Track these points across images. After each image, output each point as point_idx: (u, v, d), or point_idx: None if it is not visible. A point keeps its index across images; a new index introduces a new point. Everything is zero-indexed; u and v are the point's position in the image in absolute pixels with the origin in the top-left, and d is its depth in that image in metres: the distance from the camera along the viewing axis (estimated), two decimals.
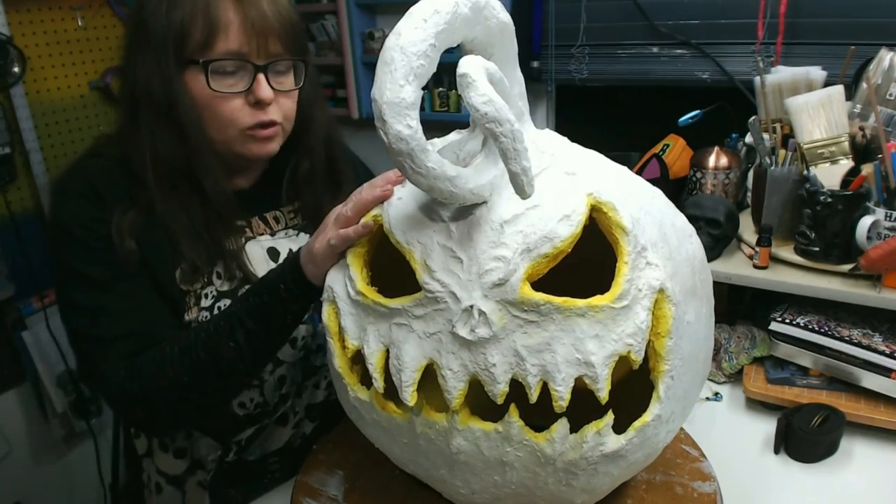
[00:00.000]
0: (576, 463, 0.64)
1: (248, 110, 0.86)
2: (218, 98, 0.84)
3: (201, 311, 0.89)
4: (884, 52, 1.22)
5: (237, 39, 0.83)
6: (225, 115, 0.86)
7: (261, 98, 0.85)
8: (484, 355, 0.61)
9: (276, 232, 0.99)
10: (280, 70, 0.88)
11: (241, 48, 0.83)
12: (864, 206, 1.11)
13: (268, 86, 0.85)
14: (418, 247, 0.64)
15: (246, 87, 0.85)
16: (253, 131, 0.87)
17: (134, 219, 0.85)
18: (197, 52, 0.82)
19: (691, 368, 0.69)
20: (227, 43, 0.82)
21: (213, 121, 0.86)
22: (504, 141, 0.55)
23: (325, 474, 0.89)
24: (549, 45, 2.20)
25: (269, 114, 0.87)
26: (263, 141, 0.89)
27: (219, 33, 0.82)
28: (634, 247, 0.62)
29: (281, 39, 0.86)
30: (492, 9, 0.63)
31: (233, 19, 0.82)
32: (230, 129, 0.87)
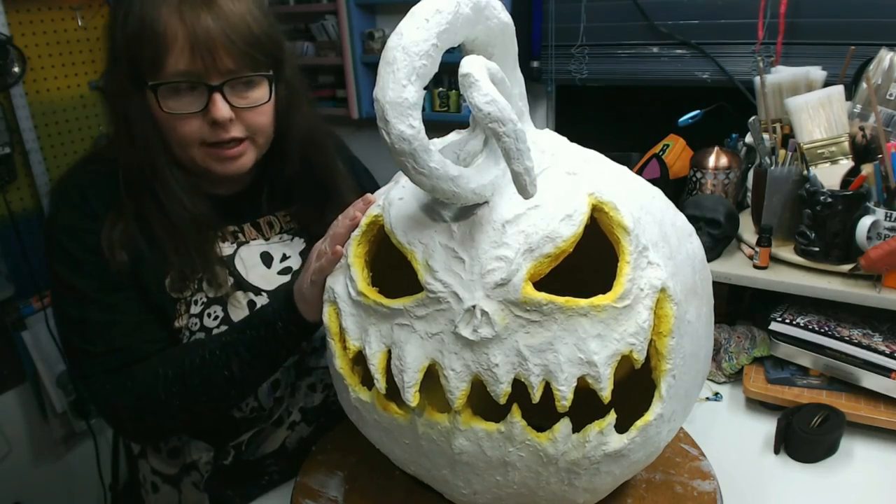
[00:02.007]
0: (578, 462, 0.64)
1: (207, 129, 0.84)
2: (175, 118, 0.82)
3: (191, 318, 0.89)
4: (884, 52, 1.22)
5: (185, 58, 0.79)
6: (184, 135, 0.84)
7: (216, 118, 0.82)
8: (486, 355, 0.61)
9: (271, 237, 0.99)
10: (244, 85, 0.85)
11: (189, 67, 0.80)
12: (864, 206, 1.11)
13: (224, 105, 0.82)
14: (420, 247, 0.64)
15: (201, 106, 0.82)
16: (216, 150, 0.85)
17: (123, 230, 0.84)
18: (148, 73, 0.80)
19: (692, 367, 0.69)
20: (176, 62, 0.79)
21: (174, 140, 0.85)
22: (507, 141, 0.56)
23: (325, 475, 0.89)
24: (549, 45, 2.20)
25: (230, 131, 0.84)
26: (229, 159, 0.86)
27: (166, 52, 0.79)
28: (636, 246, 0.62)
29: (234, 55, 0.81)
30: (493, 9, 0.63)
31: (178, 37, 0.78)
32: (190, 148, 0.85)
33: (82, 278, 0.84)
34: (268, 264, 0.96)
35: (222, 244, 0.94)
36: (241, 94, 0.85)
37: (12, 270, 1.93)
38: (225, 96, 0.82)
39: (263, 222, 0.99)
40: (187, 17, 0.78)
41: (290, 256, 0.99)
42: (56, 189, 0.90)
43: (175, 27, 0.78)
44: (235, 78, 0.83)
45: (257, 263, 0.95)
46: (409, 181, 0.67)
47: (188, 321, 0.89)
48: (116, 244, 0.84)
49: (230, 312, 0.91)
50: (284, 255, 0.98)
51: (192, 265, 0.88)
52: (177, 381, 0.82)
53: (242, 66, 0.83)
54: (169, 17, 0.78)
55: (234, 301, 0.91)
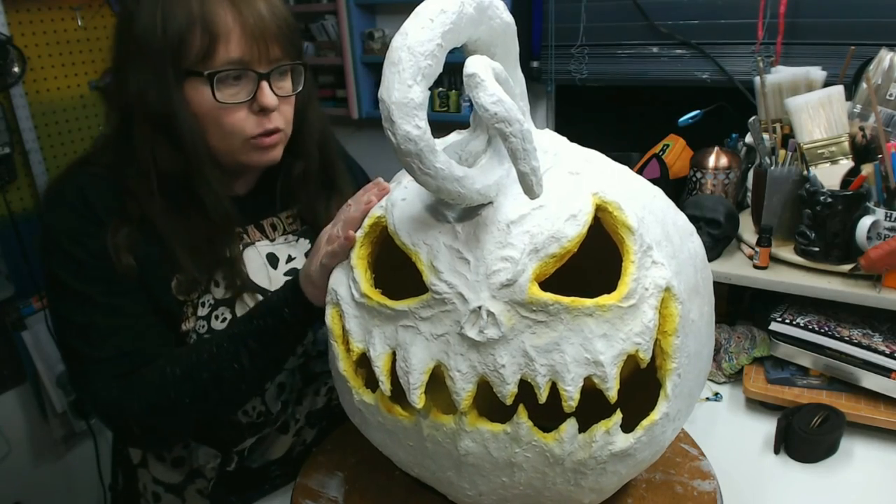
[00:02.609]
0: (585, 462, 0.64)
1: (252, 119, 0.84)
2: (222, 109, 0.82)
3: (198, 321, 0.88)
4: (884, 52, 1.23)
5: (238, 47, 0.80)
6: (229, 126, 0.84)
7: (266, 106, 0.83)
8: (493, 356, 0.61)
9: (275, 238, 0.98)
10: (281, 74, 0.87)
11: (243, 56, 0.80)
12: (864, 206, 1.11)
13: (272, 93, 0.84)
14: (424, 248, 0.64)
15: (249, 95, 0.83)
16: (257, 140, 0.86)
17: (129, 234, 0.83)
18: (198, 63, 0.80)
19: (696, 366, 0.69)
20: (229, 51, 0.80)
21: (217, 131, 0.84)
22: (514, 141, 0.56)
23: (325, 476, 0.89)
24: (549, 45, 2.20)
25: (273, 121, 0.86)
26: (267, 149, 0.87)
27: (219, 42, 0.79)
28: (640, 246, 0.62)
29: (280, 43, 0.83)
30: (495, 8, 0.63)
31: (232, 26, 0.79)
32: (234, 139, 0.85)
33: (86, 282, 0.83)
34: (274, 265, 0.96)
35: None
36: (279, 84, 0.86)
37: (12, 270, 1.93)
38: (271, 85, 0.83)
39: (267, 224, 0.98)
40: (241, 6, 0.79)
41: (295, 258, 0.98)
42: (53, 191, 0.88)
43: (229, 16, 0.79)
44: (280, 65, 0.84)
45: (263, 265, 0.95)
46: (411, 182, 0.67)
47: (195, 324, 0.88)
48: (122, 248, 0.82)
49: (237, 314, 0.90)
50: (290, 257, 0.98)
51: (208, 266, 0.87)
52: (186, 380, 0.81)
53: (285, 55, 0.85)
54: (220, 6, 0.79)
55: (242, 303, 0.90)
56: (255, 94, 0.83)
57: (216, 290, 0.89)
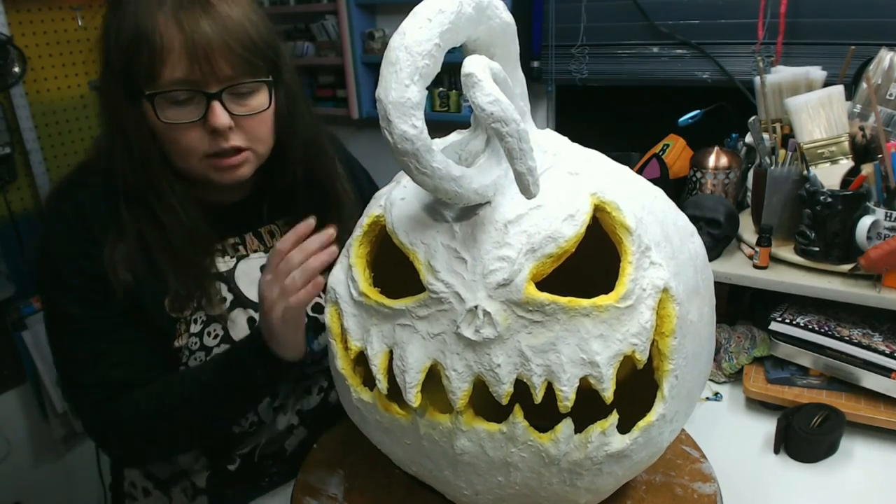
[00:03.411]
0: (580, 463, 0.64)
1: (206, 138, 0.81)
2: (173, 129, 0.80)
3: (191, 338, 0.87)
4: (884, 52, 1.22)
5: (182, 66, 0.76)
6: (183, 146, 0.81)
7: (215, 127, 0.80)
8: (489, 356, 0.61)
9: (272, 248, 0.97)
10: (245, 91, 0.82)
11: (188, 76, 0.77)
12: (864, 206, 1.11)
13: (223, 113, 0.80)
14: (422, 247, 0.64)
15: (199, 115, 0.79)
16: (215, 160, 0.83)
17: (126, 250, 0.82)
18: (143, 83, 0.78)
19: (694, 368, 0.69)
20: (173, 71, 0.77)
21: (174, 150, 0.83)
22: (510, 140, 0.56)
23: (326, 473, 0.89)
24: (549, 45, 2.20)
25: (230, 141, 0.82)
26: (229, 169, 0.84)
27: (162, 61, 0.76)
28: (638, 246, 0.62)
29: (233, 62, 0.79)
30: (495, 8, 0.63)
31: (174, 44, 0.76)
32: (191, 158, 0.83)
33: (75, 305, 0.82)
34: None
35: (221, 259, 0.92)
36: (241, 101, 0.82)
37: (12, 270, 1.93)
38: (224, 104, 0.80)
39: (265, 231, 0.97)
40: (185, 24, 0.76)
41: None
42: (53, 206, 0.86)
43: (171, 34, 0.76)
44: (234, 85, 0.80)
45: (258, 278, 0.92)
46: (410, 181, 0.67)
47: (188, 340, 0.87)
48: (119, 264, 0.82)
49: (230, 330, 0.89)
50: None
51: (187, 282, 0.86)
52: (159, 418, 0.83)
53: (241, 73, 0.81)
54: (165, 24, 0.76)
55: (233, 319, 0.90)
56: (206, 113, 0.79)
57: (207, 307, 0.88)
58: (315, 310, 0.95)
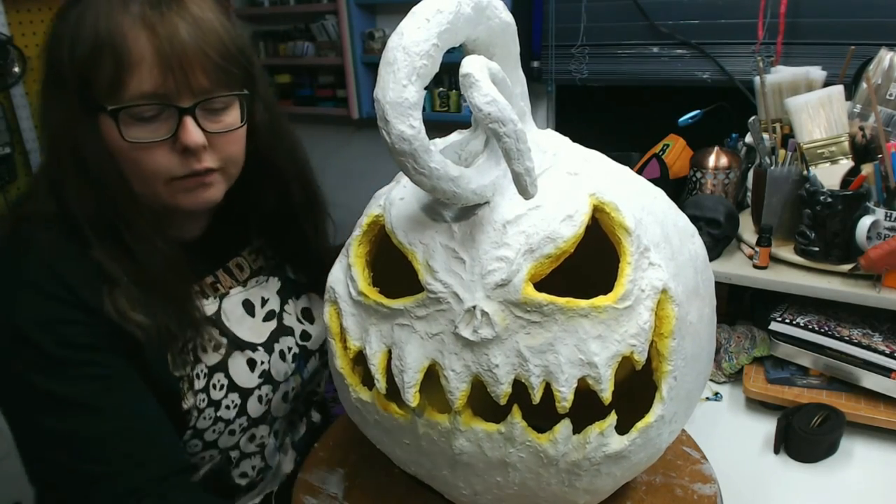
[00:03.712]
0: (579, 464, 0.64)
1: (176, 159, 0.71)
2: (137, 149, 0.70)
3: (197, 395, 0.77)
4: (884, 52, 1.22)
5: (152, 78, 0.67)
6: (148, 168, 0.71)
7: (188, 146, 0.70)
8: (487, 356, 0.61)
9: (247, 280, 0.88)
10: (216, 108, 0.73)
11: (157, 89, 0.68)
12: (864, 206, 1.11)
13: (196, 130, 0.70)
14: (420, 247, 0.64)
15: (169, 133, 0.70)
16: (184, 181, 0.73)
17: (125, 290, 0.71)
18: (105, 98, 0.67)
19: (694, 369, 0.69)
20: (141, 83, 0.67)
21: (136, 173, 0.72)
22: (507, 141, 0.55)
23: (326, 472, 0.89)
24: (549, 45, 2.21)
25: (202, 161, 0.73)
26: (198, 190, 0.74)
27: (128, 72, 0.66)
28: (637, 247, 0.62)
29: (209, 72, 0.70)
30: (494, 8, 0.63)
31: (145, 53, 0.66)
32: (155, 181, 0.72)
33: (67, 381, 0.67)
34: (251, 312, 0.87)
35: (204, 301, 0.82)
36: (214, 118, 0.73)
37: None
38: (197, 120, 0.71)
39: (233, 265, 0.88)
40: (157, 27, 0.66)
41: (268, 299, 0.90)
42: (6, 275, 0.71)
43: (140, 40, 0.66)
44: (209, 99, 0.71)
45: (242, 314, 0.86)
46: (410, 181, 0.67)
47: (195, 399, 0.77)
48: (127, 308, 0.70)
49: (234, 377, 0.81)
50: (264, 299, 0.89)
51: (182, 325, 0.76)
52: None
53: (217, 85, 0.72)
54: (132, 28, 0.66)
55: (234, 363, 0.82)
56: (177, 131, 0.70)
57: (206, 357, 0.79)
58: (303, 338, 0.92)
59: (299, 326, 0.92)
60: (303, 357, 0.91)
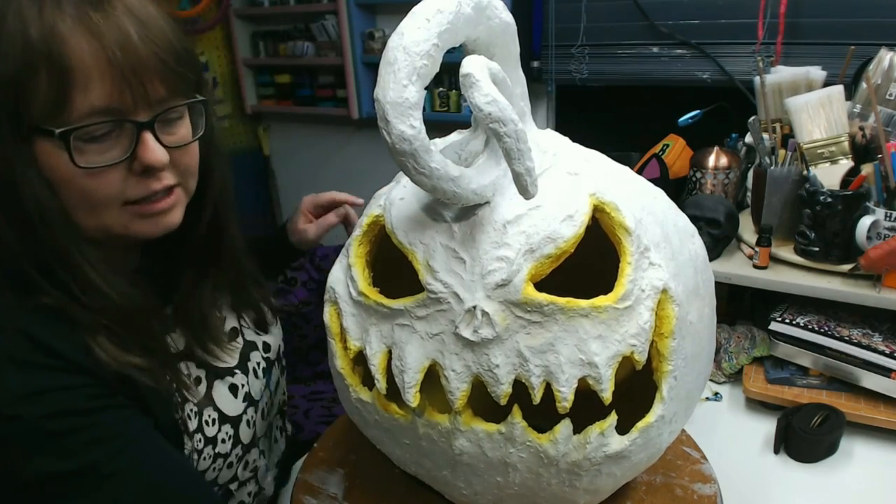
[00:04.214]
0: (579, 464, 0.64)
1: (132, 181, 0.62)
2: (87, 176, 0.59)
3: (193, 437, 0.70)
4: (884, 52, 1.22)
5: (103, 92, 0.57)
6: (101, 193, 0.61)
7: (151, 164, 0.62)
8: (487, 356, 0.61)
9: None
10: (173, 117, 0.65)
11: (111, 103, 0.58)
12: (864, 206, 1.11)
13: (158, 147, 0.62)
14: (421, 247, 0.64)
15: (126, 153, 0.61)
16: (142, 206, 0.64)
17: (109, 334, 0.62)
18: (47, 118, 0.57)
19: (694, 369, 0.69)
20: (89, 98, 0.57)
21: (82, 203, 0.61)
22: (508, 141, 0.55)
23: (326, 472, 0.89)
24: (549, 45, 2.21)
25: (162, 180, 0.64)
26: (158, 215, 0.65)
27: (74, 87, 0.56)
28: (637, 247, 0.62)
29: (165, 80, 0.61)
30: (494, 8, 0.63)
31: (92, 63, 0.56)
32: (107, 209, 0.62)
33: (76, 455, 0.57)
34: None
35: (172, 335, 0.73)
36: (170, 130, 0.65)
37: None
38: (156, 135, 0.62)
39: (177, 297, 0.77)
40: (103, 31, 0.57)
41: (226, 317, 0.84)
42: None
43: (81, 47, 0.56)
44: (166, 111, 0.63)
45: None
46: (410, 181, 0.67)
47: (192, 442, 0.70)
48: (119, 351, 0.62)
49: (221, 409, 0.75)
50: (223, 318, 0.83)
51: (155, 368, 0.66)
52: None
53: (174, 94, 0.64)
54: (71, 34, 0.56)
55: (218, 394, 0.75)
56: (135, 149, 0.61)
57: (191, 394, 0.71)
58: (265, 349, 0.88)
59: (259, 339, 0.87)
60: (268, 369, 0.87)
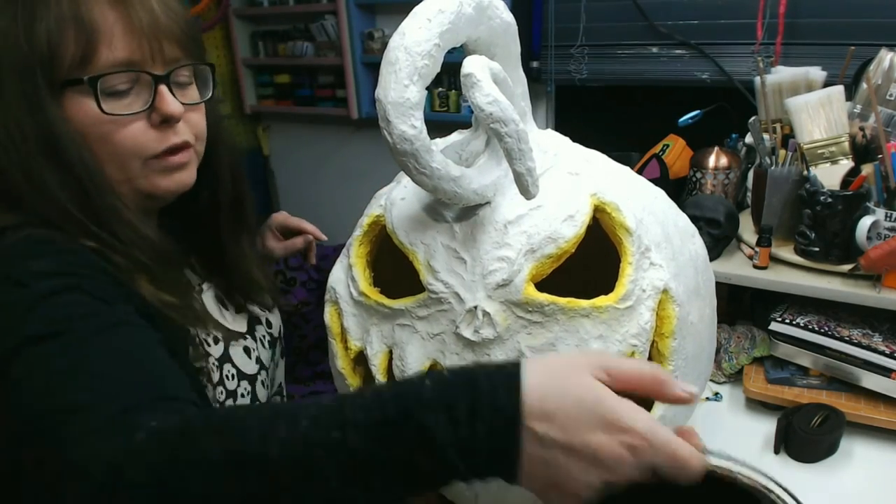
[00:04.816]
0: None
1: (153, 134, 0.68)
2: (112, 124, 0.66)
3: (216, 388, 0.72)
4: (884, 52, 1.22)
5: (125, 46, 0.65)
6: (125, 144, 0.67)
7: (169, 114, 0.68)
8: (488, 356, 0.61)
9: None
10: (183, 80, 0.72)
11: (132, 56, 0.65)
12: (864, 206, 1.11)
13: (173, 98, 0.68)
14: (422, 248, 0.64)
15: (146, 104, 0.67)
16: (162, 159, 0.70)
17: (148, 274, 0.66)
18: (75, 69, 0.64)
19: (695, 369, 0.69)
20: (113, 52, 0.64)
21: (110, 153, 0.67)
22: (509, 141, 0.56)
23: None
24: (549, 45, 2.21)
25: (179, 134, 0.70)
26: (177, 170, 0.71)
27: (99, 41, 0.64)
28: (638, 247, 0.62)
29: (178, 42, 0.69)
30: (495, 8, 0.63)
31: (114, 23, 0.64)
32: (133, 161, 0.68)
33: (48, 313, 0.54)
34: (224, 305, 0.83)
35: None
36: (182, 91, 0.72)
37: None
38: (172, 90, 0.69)
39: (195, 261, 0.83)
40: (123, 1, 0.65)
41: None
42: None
43: (105, 13, 0.64)
44: (181, 66, 0.70)
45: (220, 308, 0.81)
46: (410, 181, 0.67)
47: (215, 393, 0.72)
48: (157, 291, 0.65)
49: (239, 366, 0.76)
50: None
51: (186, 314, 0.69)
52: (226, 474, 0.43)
53: (187, 54, 0.71)
54: (95, 5, 0.64)
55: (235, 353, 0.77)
56: (153, 101, 0.67)
57: (212, 349, 0.74)
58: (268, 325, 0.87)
59: (262, 315, 0.87)
60: (273, 344, 0.87)
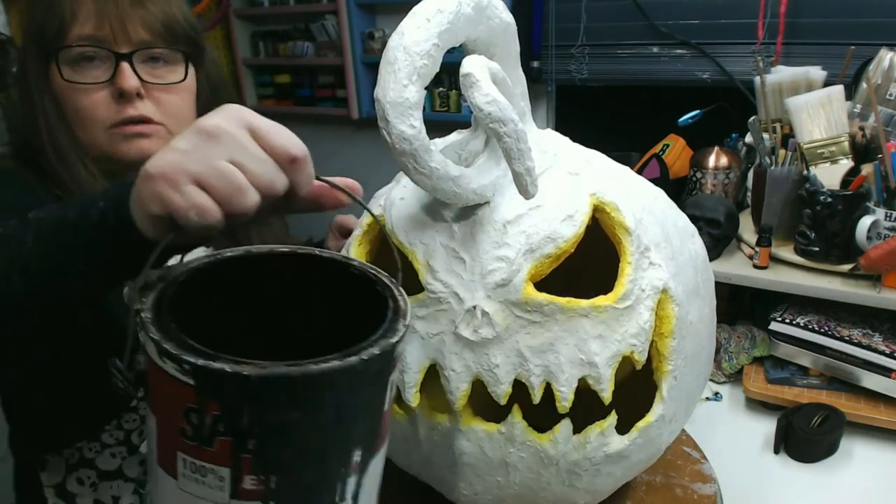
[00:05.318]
0: (579, 463, 0.64)
1: (113, 105, 0.77)
2: (75, 90, 0.75)
3: None
4: (884, 52, 1.22)
5: (90, 23, 0.74)
6: (85, 110, 0.76)
7: (123, 88, 0.75)
8: (487, 356, 0.61)
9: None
10: (156, 58, 0.79)
11: (95, 32, 0.74)
12: (864, 206, 1.11)
13: (133, 74, 0.76)
14: (421, 247, 0.64)
15: (106, 76, 0.76)
16: (120, 129, 0.77)
17: None
18: (53, 43, 0.75)
19: (694, 369, 0.69)
20: (80, 28, 0.74)
21: (76, 117, 0.77)
22: (508, 141, 0.55)
23: None
24: (549, 45, 2.21)
25: (137, 108, 0.77)
26: (134, 138, 0.78)
27: (72, 19, 0.74)
28: (637, 247, 0.62)
29: (148, 26, 0.76)
30: (494, 8, 0.63)
31: (84, 2, 0.74)
32: (94, 126, 0.77)
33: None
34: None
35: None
36: (154, 70, 0.79)
37: None
38: (134, 68, 0.76)
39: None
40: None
41: None
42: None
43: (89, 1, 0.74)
44: (146, 48, 0.77)
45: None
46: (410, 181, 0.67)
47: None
48: None
49: None
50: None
51: None
52: None
53: (157, 39, 0.77)
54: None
55: None
56: (114, 76, 0.76)
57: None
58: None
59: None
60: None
